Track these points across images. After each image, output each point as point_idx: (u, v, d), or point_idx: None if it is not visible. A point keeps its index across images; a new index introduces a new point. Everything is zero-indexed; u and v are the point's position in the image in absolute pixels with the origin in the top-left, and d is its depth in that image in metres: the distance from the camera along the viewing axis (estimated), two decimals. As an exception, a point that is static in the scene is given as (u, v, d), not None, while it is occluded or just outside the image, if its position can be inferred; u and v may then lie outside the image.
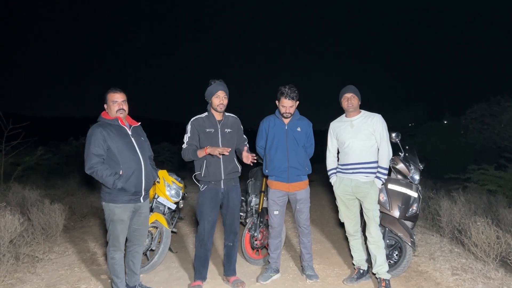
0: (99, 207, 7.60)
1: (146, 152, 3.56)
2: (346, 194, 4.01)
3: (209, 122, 3.84)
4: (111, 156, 3.33)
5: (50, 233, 5.44)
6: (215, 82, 3.82)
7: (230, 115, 4.01)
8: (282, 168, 4.01)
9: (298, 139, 4.03)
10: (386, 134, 3.88)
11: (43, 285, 3.96)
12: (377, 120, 3.88)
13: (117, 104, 3.42)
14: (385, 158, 3.85)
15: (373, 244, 3.85)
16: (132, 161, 3.37)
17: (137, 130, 3.61)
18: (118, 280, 3.51)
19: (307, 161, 4.12)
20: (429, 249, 5.07)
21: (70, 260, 4.70)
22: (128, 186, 3.31)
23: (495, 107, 11.41)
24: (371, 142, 3.88)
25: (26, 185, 7.41)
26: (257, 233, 4.55)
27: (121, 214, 3.37)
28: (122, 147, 3.35)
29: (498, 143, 11.17)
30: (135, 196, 3.43)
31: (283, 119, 4.05)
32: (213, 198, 3.83)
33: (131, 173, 3.34)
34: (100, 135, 3.29)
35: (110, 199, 3.34)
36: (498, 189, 7.94)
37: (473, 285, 3.89)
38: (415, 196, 4.24)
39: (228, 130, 3.90)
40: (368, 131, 3.86)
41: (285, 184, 4.03)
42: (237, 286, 3.87)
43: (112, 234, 3.41)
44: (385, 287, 3.72)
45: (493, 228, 4.49)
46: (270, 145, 4.06)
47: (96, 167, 3.24)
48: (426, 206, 6.78)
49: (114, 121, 3.42)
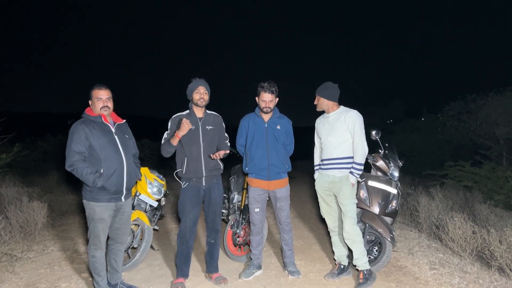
0: (79, 205, 7.49)
1: (129, 151, 3.52)
2: (325, 190, 4.07)
3: (190, 119, 3.82)
4: (92, 154, 3.28)
5: (29, 231, 5.35)
6: (196, 80, 3.84)
7: (212, 113, 4.02)
8: (262, 166, 4.03)
9: (277, 137, 4.06)
10: (361, 129, 3.84)
11: (22, 284, 3.89)
12: (350, 115, 3.86)
13: (102, 101, 3.36)
14: (359, 154, 3.84)
15: (348, 239, 3.91)
16: (114, 160, 3.33)
17: (122, 128, 3.56)
18: (100, 278, 3.49)
19: (287, 159, 4.16)
20: (407, 244, 5.18)
21: (49, 259, 4.63)
22: (108, 185, 3.27)
23: (471, 104, 11.65)
24: (344, 138, 3.88)
25: (2, 183, 7.25)
26: (240, 230, 4.57)
27: (102, 213, 3.34)
28: (105, 145, 3.31)
29: (474, 140, 11.45)
30: (116, 195, 3.39)
31: (263, 116, 4.07)
32: (194, 195, 3.84)
33: (112, 172, 3.30)
34: (82, 132, 3.24)
35: (91, 198, 3.31)
36: (474, 185, 8.16)
37: (450, 279, 4.00)
38: (394, 192, 4.33)
39: (210, 127, 3.90)
40: (342, 127, 3.87)
41: (265, 182, 4.06)
42: (220, 283, 3.89)
43: (92, 233, 3.38)
44: (363, 278, 3.79)
45: (469, 224, 4.62)
46: (250, 143, 4.08)
47: (76, 164, 3.20)
48: (404, 202, 6.91)
49: (98, 118, 3.37)
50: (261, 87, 3.97)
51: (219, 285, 3.87)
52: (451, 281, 3.95)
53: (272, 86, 3.94)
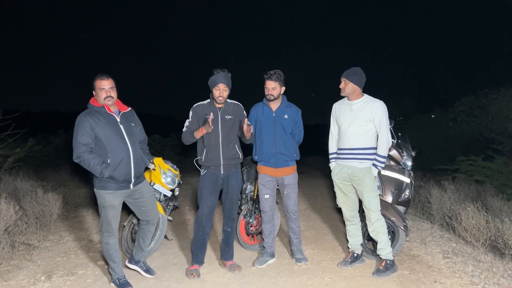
0: (91, 198, 7.58)
1: (135, 139, 3.54)
2: (343, 181, 4.01)
3: (210, 109, 3.88)
4: (99, 144, 3.33)
5: (44, 222, 5.42)
6: (218, 73, 3.80)
7: (233, 102, 4.03)
8: (270, 153, 4.08)
9: (285, 126, 4.09)
10: (386, 121, 3.79)
11: (40, 271, 3.97)
12: (377, 106, 3.79)
13: (105, 91, 3.35)
14: (384, 145, 3.78)
15: (373, 231, 3.92)
16: (120, 149, 3.36)
17: (127, 116, 3.57)
18: (115, 265, 3.55)
19: (295, 147, 4.18)
20: (420, 234, 5.18)
21: (65, 248, 4.71)
22: (116, 174, 3.32)
23: (483, 99, 11.55)
24: (368, 128, 3.81)
25: (17, 177, 7.36)
26: (252, 219, 4.61)
27: (112, 200, 3.40)
28: (110, 135, 3.34)
29: (486, 135, 11.34)
30: (125, 184, 3.44)
31: (271, 106, 4.10)
32: (212, 183, 3.90)
33: (119, 162, 3.34)
34: (87, 124, 3.27)
35: (100, 186, 3.37)
36: (486, 180, 8.09)
37: (464, 267, 3.99)
38: (407, 181, 4.34)
39: (229, 117, 3.91)
40: (367, 117, 3.78)
41: (272, 169, 4.11)
42: (234, 270, 3.93)
43: (104, 220, 3.45)
44: (384, 267, 3.81)
45: (482, 214, 4.60)
46: (259, 131, 4.14)
47: (83, 156, 3.26)
48: (416, 194, 6.89)
49: (102, 109, 3.38)
50: (265, 75, 4.01)
51: (233, 272, 3.91)
52: (465, 269, 3.95)
53: (275, 73, 3.96)
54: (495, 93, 11.11)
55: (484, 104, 11.42)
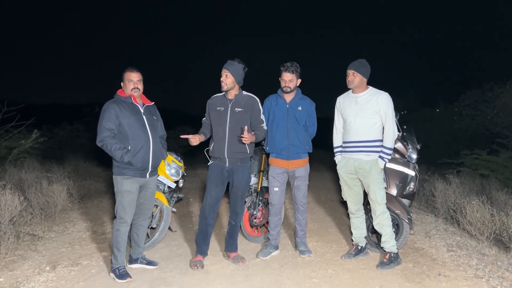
0: (96, 190, 7.63)
1: (156, 131, 3.70)
2: (349, 174, 3.99)
3: (221, 101, 3.90)
4: (121, 131, 3.51)
5: (49, 213, 5.46)
6: (228, 61, 3.85)
7: (247, 95, 3.96)
8: (282, 145, 4.08)
9: (298, 118, 4.07)
10: (392, 113, 3.77)
11: (44, 261, 3.99)
12: (382, 98, 3.77)
13: (133, 83, 3.58)
14: (390, 138, 3.76)
15: (378, 224, 3.91)
16: (141, 138, 3.53)
17: (150, 109, 3.76)
18: (119, 254, 3.59)
19: (307, 139, 4.17)
20: (424, 228, 5.17)
21: (70, 239, 4.73)
22: (135, 161, 3.48)
23: (489, 93, 11.46)
24: (374, 120, 3.79)
25: (22, 168, 7.40)
26: (256, 211, 4.61)
27: (129, 186, 3.53)
28: (133, 124, 3.52)
29: (491, 129, 11.26)
30: (142, 171, 3.57)
31: (285, 97, 4.09)
32: (218, 174, 3.91)
33: (139, 149, 3.50)
34: (113, 111, 3.47)
35: (118, 172, 3.53)
36: (491, 174, 8.06)
37: (468, 260, 3.98)
38: (412, 174, 4.32)
39: (239, 110, 3.85)
40: (373, 109, 3.76)
41: (284, 161, 4.09)
42: (237, 261, 3.94)
43: (120, 205, 3.55)
44: (388, 259, 3.81)
45: (487, 207, 4.59)
46: (272, 123, 4.13)
47: (106, 140, 3.45)
48: (421, 188, 6.87)
49: (128, 99, 3.60)
50: (282, 67, 4.00)
51: (237, 264, 3.92)
52: (469, 262, 3.94)
53: (292, 65, 3.96)
54: (500, 87, 11.01)
55: (490, 97, 11.33)
